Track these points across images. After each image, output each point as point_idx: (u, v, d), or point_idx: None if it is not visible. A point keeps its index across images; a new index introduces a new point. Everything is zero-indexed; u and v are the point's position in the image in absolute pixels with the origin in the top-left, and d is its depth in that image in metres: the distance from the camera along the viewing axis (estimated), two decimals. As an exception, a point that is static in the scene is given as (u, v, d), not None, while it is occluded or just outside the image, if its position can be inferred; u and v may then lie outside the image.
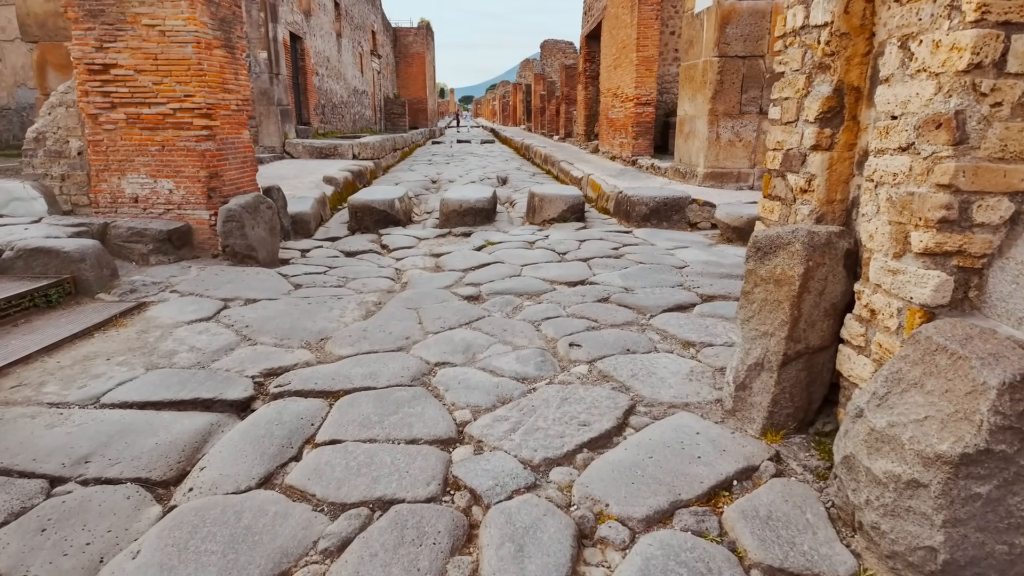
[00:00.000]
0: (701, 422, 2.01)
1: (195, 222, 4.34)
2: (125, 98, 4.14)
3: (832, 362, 1.92)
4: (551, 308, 3.31)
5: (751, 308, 1.99)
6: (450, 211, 5.97)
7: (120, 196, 4.33)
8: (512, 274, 4.07)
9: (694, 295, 3.46)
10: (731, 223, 4.85)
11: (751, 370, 1.98)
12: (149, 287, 3.64)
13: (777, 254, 1.89)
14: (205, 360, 2.66)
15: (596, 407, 2.11)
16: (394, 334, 2.94)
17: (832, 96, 1.94)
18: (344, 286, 3.94)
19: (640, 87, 9.24)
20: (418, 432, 2.00)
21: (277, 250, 4.52)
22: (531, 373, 2.47)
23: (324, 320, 3.20)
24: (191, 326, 3.08)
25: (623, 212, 5.95)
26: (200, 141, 4.19)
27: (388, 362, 2.57)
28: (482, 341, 2.84)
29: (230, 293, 3.59)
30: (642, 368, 2.46)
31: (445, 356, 2.66)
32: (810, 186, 2.04)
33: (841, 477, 1.50)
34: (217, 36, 4.24)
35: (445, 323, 3.10)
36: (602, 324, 3.04)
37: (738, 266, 4.16)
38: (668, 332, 2.90)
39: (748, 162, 6.47)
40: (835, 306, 1.86)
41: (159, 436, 2.02)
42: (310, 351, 2.81)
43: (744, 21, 6.12)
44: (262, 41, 10.05)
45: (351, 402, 2.21)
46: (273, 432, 2.02)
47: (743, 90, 6.29)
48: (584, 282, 3.86)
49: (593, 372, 2.48)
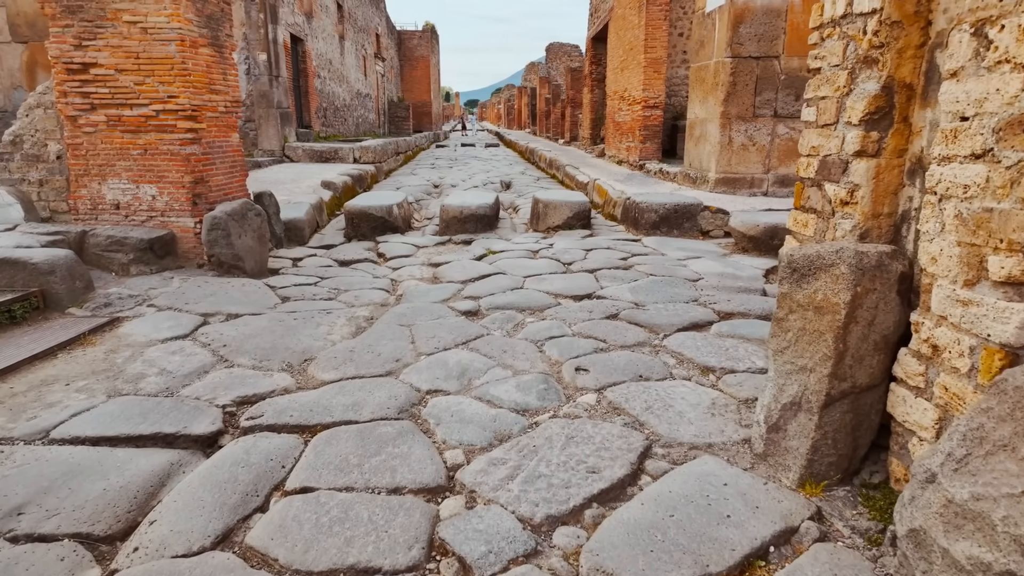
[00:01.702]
0: (728, 469, 1.75)
1: (179, 230, 4.11)
2: (105, 99, 3.92)
3: (882, 403, 1.66)
4: (555, 326, 3.05)
5: (785, 338, 1.73)
6: (450, 218, 5.73)
7: (101, 202, 4.11)
8: (514, 286, 3.81)
9: (711, 312, 3.19)
10: (746, 232, 4.58)
11: (786, 410, 1.71)
12: (125, 301, 3.41)
13: (818, 277, 1.63)
14: (174, 385, 2.42)
15: (607, 448, 1.86)
16: (383, 355, 2.69)
17: (880, 95, 1.68)
18: (335, 299, 3.70)
19: (648, 89, 8.99)
20: (402, 478, 1.74)
21: (266, 260, 4.29)
22: (533, 403, 2.22)
23: (309, 338, 2.95)
24: (165, 345, 2.84)
25: (631, 219, 5.69)
26: (184, 144, 3.96)
27: (374, 390, 2.32)
28: (479, 364, 2.58)
29: (211, 307, 3.35)
30: (657, 399, 2.20)
31: (438, 382, 2.41)
32: (852, 197, 1.78)
33: (907, 554, 1.24)
34: (203, 34, 4.01)
35: (440, 343, 2.85)
36: (611, 345, 2.78)
37: (756, 279, 3.89)
38: (684, 355, 2.64)
39: (762, 167, 6.20)
40: (886, 339, 1.60)
41: (109, 479, 1.77)
42: (291, 374, 2.56)
43: (758, 20, 5.87)
44: (261, 42, 9.85)
45: (329, 439, 1.96)
46: (238, 477, 1.77)
47: (757, 92, 6.03)
48: (591, 296, 3.60)
49: (602, 403, 2.22)
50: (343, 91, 16.10)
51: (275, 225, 5.01)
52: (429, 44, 28.60)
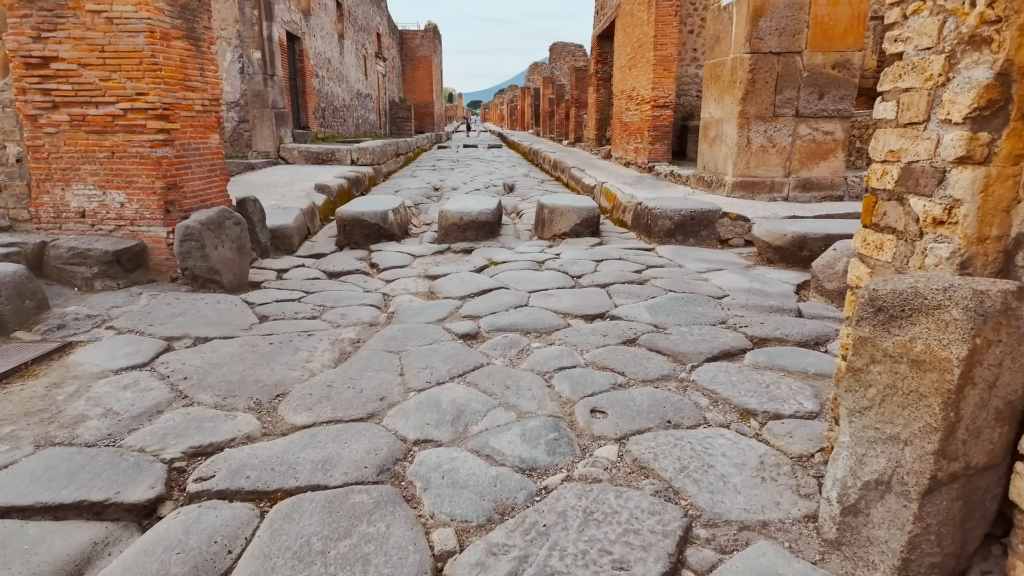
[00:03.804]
0: (792, 563, 1.36)
1: (151, 240, 3.74)
2: (68, 96, 3.55)
3: (1001, 486, 1.28)
4: (565, 353, 2.67)
5: (866, 395, 1.35)
6: (449, 224, 5.35)
7: (65, 210, 3.74)
8: (518, 304, 3.44)
9: (742, 337, 2.81)
10: (772, 242, 4.19)
11: (869, 489, 1.33)
12: (82, 322, 3.04)
13: (916, 321, 1.25)
14: (119, 431, 2.05)
15: (636, 531, 1.48)
16: (366, 392, 2.31)
17: (993, 84, 1.30)
18: (319, 317, 3.33)
19: (658, 88, 8.60)
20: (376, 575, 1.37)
21: (246, 272, 3.92)
22: (541, 459, 1.84)
23: (284, 367, 2.58)
24: (117, 377, 2.47)
25: (643, 226, 5.31)
26: (155, 147, 3.60)
27: (351, 439, 1.94)
28: (478, 404, 2.20)
29: (178, 330, 2.98)
30: (693, 455, 1.82)
31: (428, 429, 2.03)
32: (951, 216, 1.40)
33: None
34: (176, 25, 3.65)
35: (432, 375, 2.47)
36: (631, 379, 2.40)
37: (787, 296, 3.50)
38: (718, 394, 2.25)
39: (782, 170, 5.80)
40: (1011, 405, 1.22)
41: (11, 570, 1.41)
42: (257, 415, 2.19)
43: (779, 13, 5.47)
44: (255, 40, 9.50)
45: (291, 512, 1.58)
46: (170, 569, 1.40)
47: (777, 90, 5.63)
48: (604, 316, 3.22)
49: (626, 459, 1.84)
50: (342, 91, 15.75)
51: (260, 233, 4.65)
52: (431, 44, 28.23)
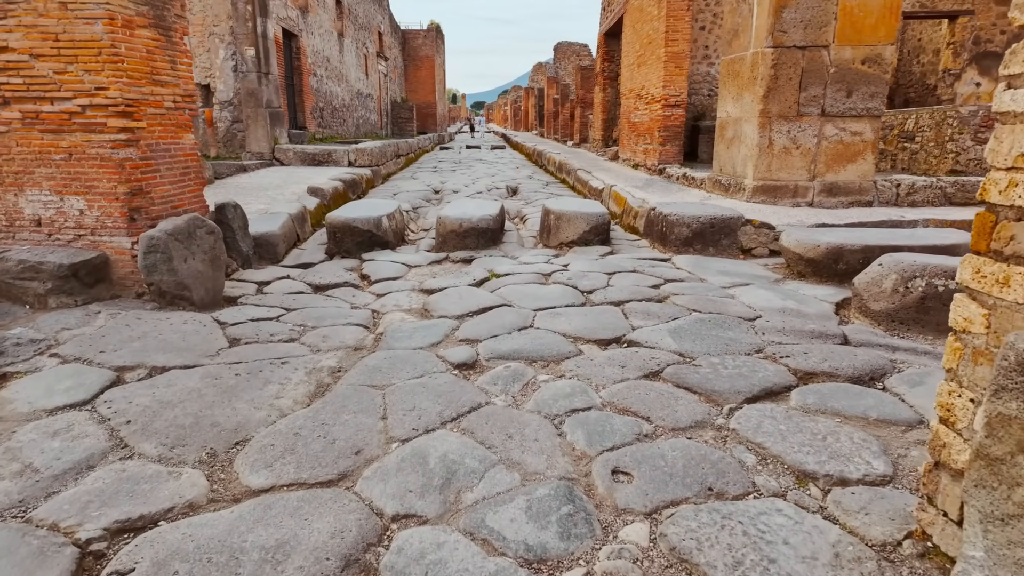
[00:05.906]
0: None
1: (114, 251, 3.36)
2: (19, 91, 3.18)
3: None
4: (578, 389, 2.28)
5: (1012, 498, 0.96)
6: (448, 232, 4.96)
7: (19, 218, 3.37)
8: (521, 325, 3.04)
9: (784, 370, 2.41)
10: (804, 253, 3.79)
11: (1023, 636, 0.94)
12: (24, 347, 2.66)
13: (1107, 404, 0.85)
14: (34, 496, 1.67)
15: (683, 672, 1.08)
16: (339, 443, 1.92)
17: None
18: (298, 339, 2.94)
19: (669, 87, 8.20)
20: None
21: (221, 287, 3.53)
22: (552, 546, 1.44)
23: (249, 405, 2.20)
24: (50, 419, 2.09)
25: (658, 234, 4.91)
26: (117, 147, 3.22)
27: (314, 515, 1.55)
28: (473, 461, 1.81)
29: (132, 357, 2.59)
30: (747, 544, 1.42)
31: (410, 499, 1.64)
32: None
33: None
34: (142, 11, 3.27)
35: (420, 419, 2.08)
36: (658, 427, 2.01)
37: (827, 317, 3.10)
38: (766, 448, 1.85)
39: (807, 174, 5.39)
40: None
41: None
42: (207, 472, 1.81)
43: (805, 4, 5.07)
44: (249, 36, 9.13)
45: (222, 631, 1.20)
46: None
47: (802, 87, 5.23)
48: (620, 340, 2.82)
49: (660, 546, 1.45)
50: (342, 91, 15.39)
51: (241, 242, 4.27)
52: (434, 44, 27.87)
